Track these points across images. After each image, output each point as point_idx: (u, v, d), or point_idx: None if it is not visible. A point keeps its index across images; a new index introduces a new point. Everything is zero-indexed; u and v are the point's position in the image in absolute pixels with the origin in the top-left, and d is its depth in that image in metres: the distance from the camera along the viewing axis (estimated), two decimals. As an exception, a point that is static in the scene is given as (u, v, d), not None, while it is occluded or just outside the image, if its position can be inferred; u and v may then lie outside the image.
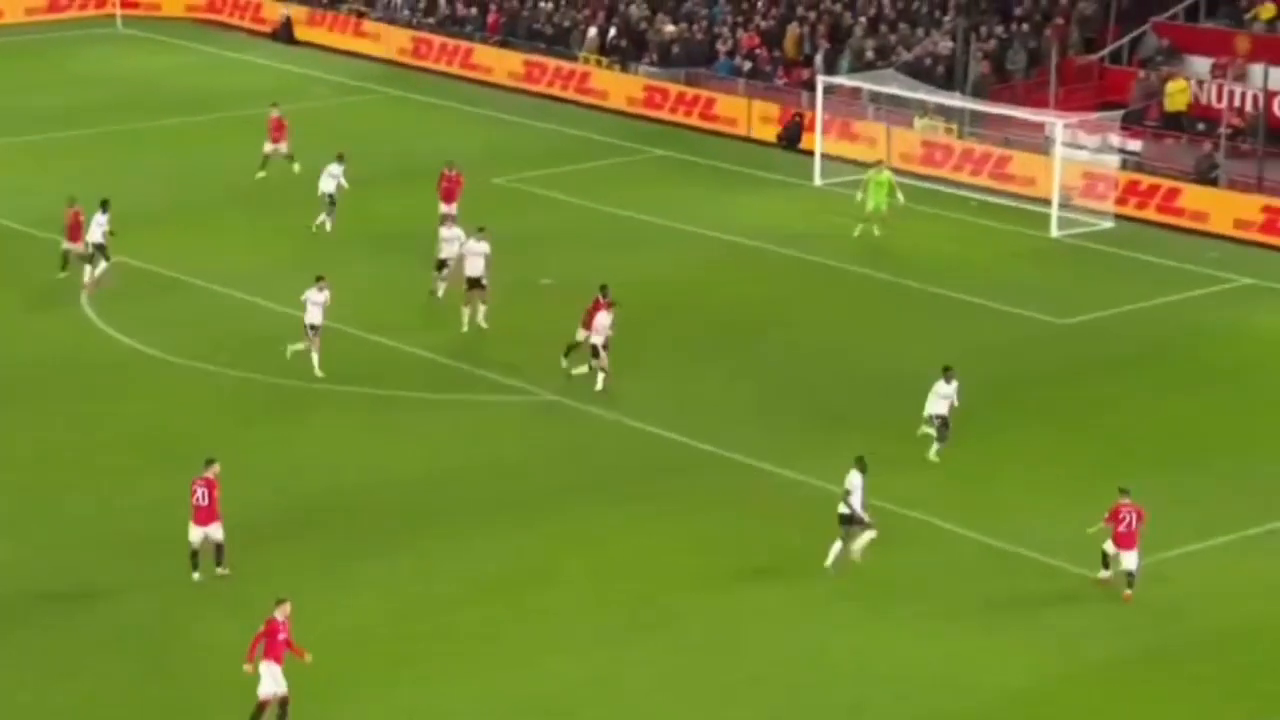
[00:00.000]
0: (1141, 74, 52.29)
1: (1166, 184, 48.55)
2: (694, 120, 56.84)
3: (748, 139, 55.26)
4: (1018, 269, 44.88)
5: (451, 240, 41.42)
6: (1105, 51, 53.73)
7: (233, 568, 29.68)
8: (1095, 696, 27.04)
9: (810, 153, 51.82)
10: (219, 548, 29.55)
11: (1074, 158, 48.71)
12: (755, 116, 55.55)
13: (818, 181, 51.00)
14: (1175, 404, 36.95)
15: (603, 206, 48.56)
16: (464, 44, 63.50)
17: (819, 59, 55.89)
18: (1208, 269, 44.64)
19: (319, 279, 37.47)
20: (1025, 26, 54.70)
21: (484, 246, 39.76)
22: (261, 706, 25.13)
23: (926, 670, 27.46)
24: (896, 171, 49.64)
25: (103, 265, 42.08)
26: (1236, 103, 50.38)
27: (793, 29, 57.89)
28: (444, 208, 44.36)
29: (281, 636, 25.24)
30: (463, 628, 28.55)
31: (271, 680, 25.07)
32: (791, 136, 54.17)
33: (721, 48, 58.72)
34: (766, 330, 40.62)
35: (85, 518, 31.97)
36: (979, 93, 52.26)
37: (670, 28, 60.01)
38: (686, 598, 29.45)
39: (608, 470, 34.01)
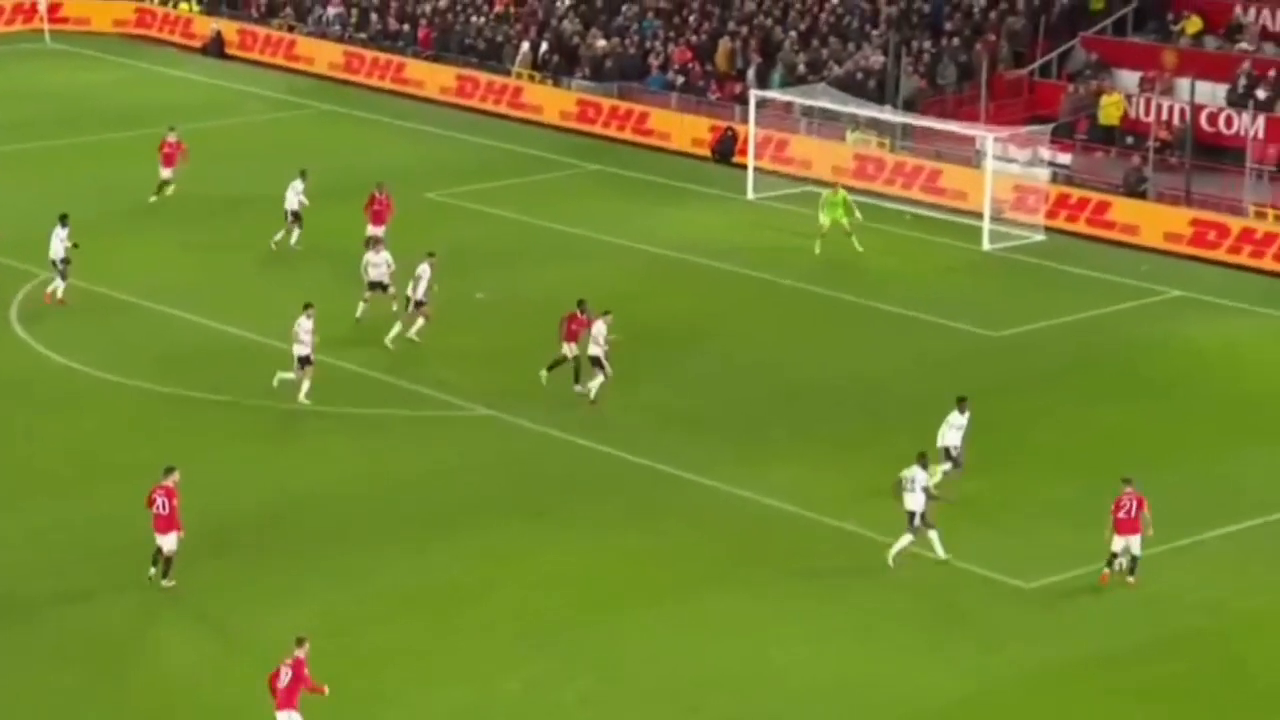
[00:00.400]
0: (1070, 88, 52.65)
1: (1096, 197, 48.87)
2: (627, 134, 56.92)
3: (681, 153, 55.38)
4: (950, 282, 45.07)
5: (379, 264, 41.15)
6: (1034, 66, 54.07)
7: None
8: (1028, 706, 27.11)
9: (743, 166, 51.98)
10: (167, 560, 29.54)
11: (1005, 171, 49.01)
12: (688, 130, 55.71)
13: (751, 195, 51.15)
14: (1107, 416, 37.16)
15: (537, 221, 48.55)
16: (396, 58, 63.43)
17: (751, 73, 56.09)
18: (1138, 281, 44.94)
19: (307, 307, 36.77)
20: (955, 41, 55.01)
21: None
22: None
23: (864, 681, 27.50)
24: (829, 185, 49.92)
25: (59, 283, 41.81)
26: (1164, 116, 50.81)
27: (724, 43, 58.05)
28: (372, 229, 44.19)
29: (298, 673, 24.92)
30: (392, 644, 28.41)
31: None
32: (724, 150, 54.30)
33: (654, 62, 58.83)
34: (700, 343, 40.66)
35: (31, 528, 31.85)
36: (910, 107, 52.52)
37: (602, 43, 60.07)
38: (619, 611, 29.39)
39: (538, 484, 33.94)
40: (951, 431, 33.27)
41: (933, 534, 30.52)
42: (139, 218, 48.63)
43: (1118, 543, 29.91)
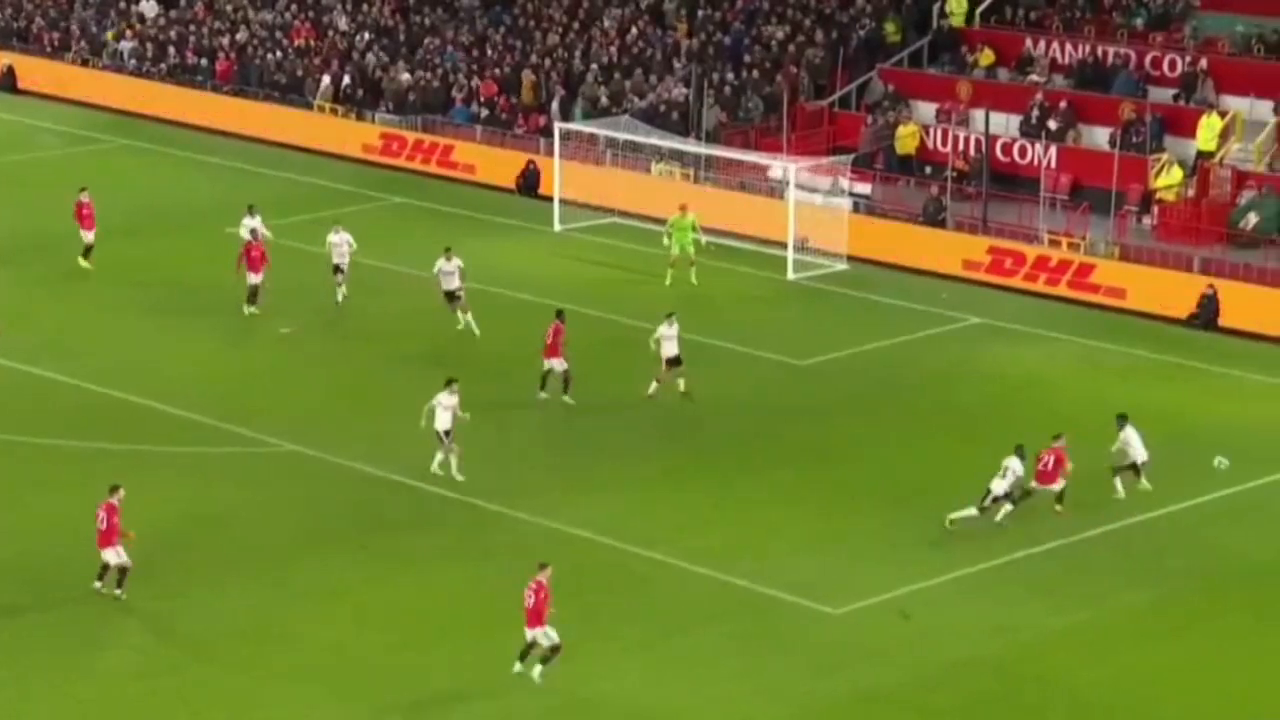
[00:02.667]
0: (870, 119, 53.49)
1: (897, 226, 49.67)
2: (432, 167, 56.84)
3: (486, 185, 55.39)
4: (756, 311, 45.49)
5: (340, 244, 44.16)
6: (834, 97, 54.86)
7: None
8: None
9: (548, 198, 52.11)
10: (122, 571, 29.96)
11: (808, 201, 49.62)
12: (493, 163, 55.76)
13: (557, 227, 51.30)
14: (911, 442, 37.69)
15: (341, 255, 48.22)
16: (195, 92, 62.69)
17: (555, 106, 56.29)
18: (938, 309, 45.70)
19: (450, 382, 34.94)
20: (757, 73, 55.66)
21: (456, 263, 42.80)
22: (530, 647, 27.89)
23: (688, 709, 27.57)
24: (632, 215, 50.23)
25: None
26: (960, 147, 51.80)
27: (527, 76, 58.20)
28: (252, 278, 43.68)
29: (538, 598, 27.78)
30: (205, 687, 27.97)
31: (544, 636, 27.94)
32: (529, 182, 54.40)
33: (457, 95, 58.80)
34: (507, 375, 40.64)
35: None
36: (713, 138, 53.03)
37: (406, 76, 59.93)
38: (439, 647, 29.22)
39: (352, 520, 33.64)
40: (1132, 449, 34.61)
41: (1004, 511, 33.26)
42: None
43: (1032, 486, 33.52)
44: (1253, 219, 47.02)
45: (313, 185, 55.24)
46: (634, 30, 59.17)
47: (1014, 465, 33.31)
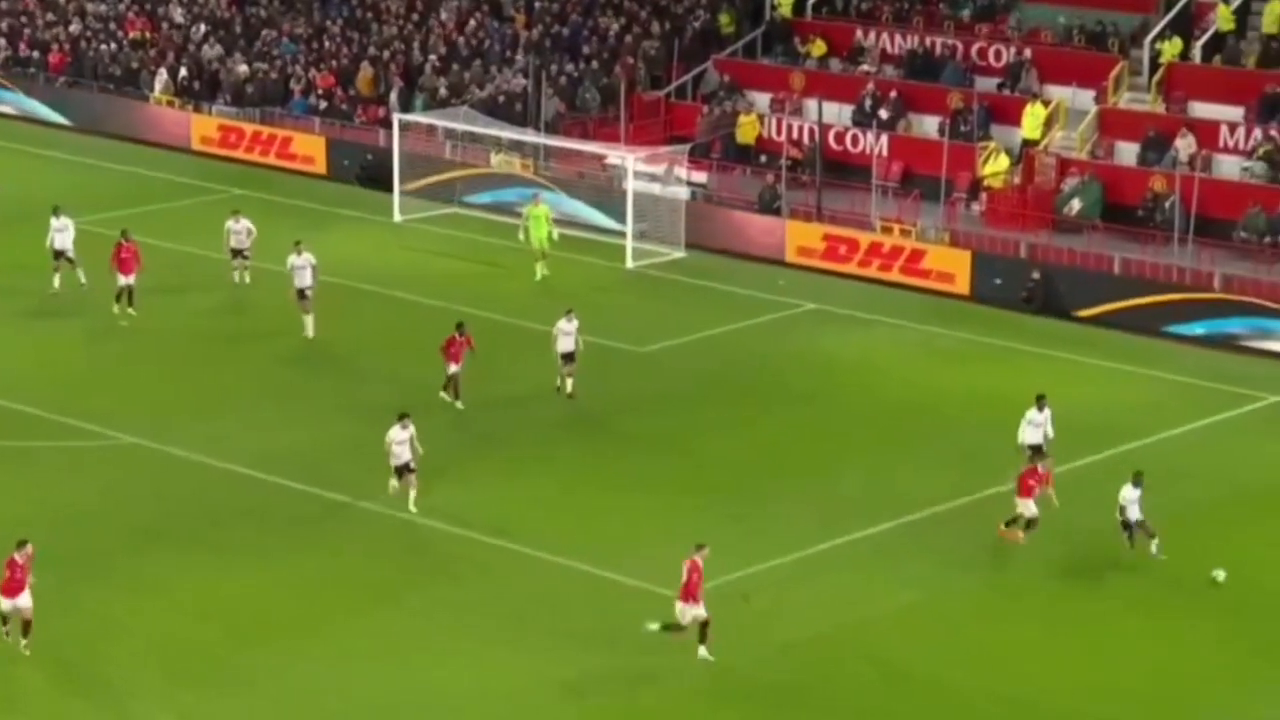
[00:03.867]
0: (705, 109, 54.21)
1: (734, 214, 50.43)
2: (271, 159, 56.76)
3: (326, 177, 55.42)
4: (596, 300, 45.89)
5: (240, 231, 44.83)
6: (671, 88, 55.51)
7: None
8: (690, 712, 27.90)
9: (389, 189, 52.27)
10: (21, 624, 28.63)
11: (646, 190, 50.19)
12: (332, 154, 55.82)
13: (397, 218, 51.50)
14: (751, 426, 38.38)
15: (181, 247, 48.13)
16: (30, 85, 62.08)
17: (394, 97, 56.45)
18: (775, 296, 46.48)
19: (402, 416, 33.79)
20: (595, 64, 56.19)
21: (308, 258, 42.14)
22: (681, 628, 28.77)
23: (536, 701, 27.97)
24: (473, 206, 50.39)
25: None
26: (795, 136, 52.66)
27: (365, 68, 58.29)
28: (122, 279, 43.18)
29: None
30: (31, 684, 27.84)
31: (691, 614, 28.75)
32: (370, 174, 54.52)
33: (296, 87, 58.74)
34: (351, 365, 40.86)
35: None
36: (552, 129, 53.49)
37: (243, 68, 59.76)
38: (277, 639, 29.34)
39: (192, 512, 33.65)
40: (1031, 429, 34.67)
41: (1154, 542, 32.27)
42: None
43: (1026, 506, 32.77)
44: (1076, 205, 48.30)
45: (152, 178, 54.94)
46: (472, 22, 59.46)
47: (1130, 495, 32.15)
